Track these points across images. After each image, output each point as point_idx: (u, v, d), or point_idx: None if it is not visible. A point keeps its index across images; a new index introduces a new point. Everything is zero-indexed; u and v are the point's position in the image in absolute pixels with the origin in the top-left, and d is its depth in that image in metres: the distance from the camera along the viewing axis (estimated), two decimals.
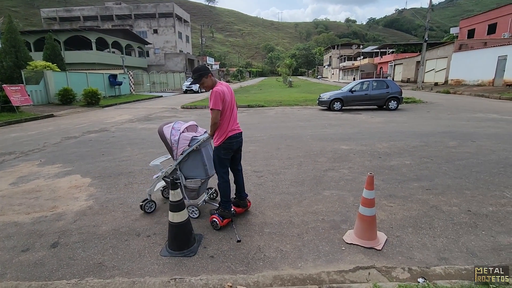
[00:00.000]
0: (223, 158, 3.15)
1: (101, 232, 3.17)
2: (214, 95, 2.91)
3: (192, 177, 3.31)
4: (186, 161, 3.28)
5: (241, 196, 3.46)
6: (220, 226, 3.11)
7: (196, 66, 3.18)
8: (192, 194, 3.38)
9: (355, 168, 5.05)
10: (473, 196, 3.79)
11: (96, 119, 12.20)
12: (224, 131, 3.06)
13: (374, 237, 2.82)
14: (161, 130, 3.34)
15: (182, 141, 3.22)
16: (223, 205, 3.19)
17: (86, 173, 5.17)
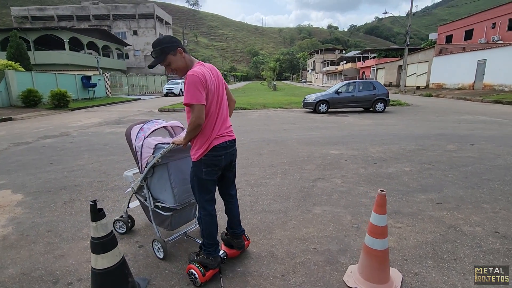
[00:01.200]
0: (205, 180, 2.03)
1: (3, 279, 2.21)
2: (190, 81, 1.81)
3: (161, 200, 2.33)
4: (152, 177, 2.32)
5: (235, 233, 2.33)
6: (200, 282, 2.02)
7: (157, 38, 2.03)
8: (164, 224, 2.42)
9: (348, 176, 4.31)
10: (494, 211, 3.10)
11: (60, 123, 10.96)
12: (205, 138, 1.96)
13: (386, 279, 2.03)
14: (129, 131, 2.43)
15: (145, 148, 2.26)
16: (206, 250, 2.10)
17: (20, 188, 4.14)
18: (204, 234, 2.12)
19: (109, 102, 19.95)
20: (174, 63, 1.93)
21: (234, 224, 2.32)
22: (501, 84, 19.03)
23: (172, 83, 28.72)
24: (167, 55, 1.91)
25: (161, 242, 2.34)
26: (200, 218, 2.12)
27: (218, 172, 2.08)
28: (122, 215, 2.78)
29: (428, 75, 27.76)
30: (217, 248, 2.16)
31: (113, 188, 4.04)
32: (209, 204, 2.09)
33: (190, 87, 1.81)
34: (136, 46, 44.17)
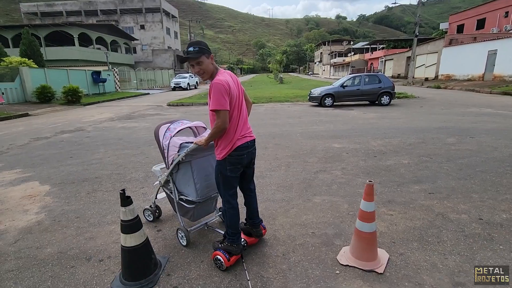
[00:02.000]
0: (230, 177, 2.27)
1: (43, 257, 2.59)
2: (216, 88, 2.02)
3: (185, 194, 2.58)
4: (177, 173, 2.56)
5: (254, 223, 2.59)
6: (226, 266, 2.30)
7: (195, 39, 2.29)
8: (188, 215, 2.69)
9: (348, 169, 4.57)
10: (482, 200, 3.34)
11: (74, 118, 11.43)
12: (230, 139, 2.18)
13: (374, 257, 2.33)
14: (157, 130, 2.68)
15: (171, 147, 2.51)
16: (230, 238, 2.36)
17: (46, 180, 4.55)
18: (228, 225, 2.36)
19: (119, 97, 20.44)
20: (205, 64, 2.13)
21: (253, 215, 2.58)
22: (511, 75, 18.72)
23: (179, 77, 29.07)
24: (203, 55, 2.10)
25: (185, 231, 2.62)
26: (225, 210, 2.36)
27: (240, 169, 2.31)
28: (150, 205, 3.10)
29: (437, 66, 27.37)
30: (240, 236, 2.41)
31: (130, 180, 4.41)
32: (232, 198, 2.34)
33: (216, 94, 2.02)
34: (143, 41, 44.53)
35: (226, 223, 2.39)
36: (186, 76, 29.23)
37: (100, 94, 21.94)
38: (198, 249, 2.63)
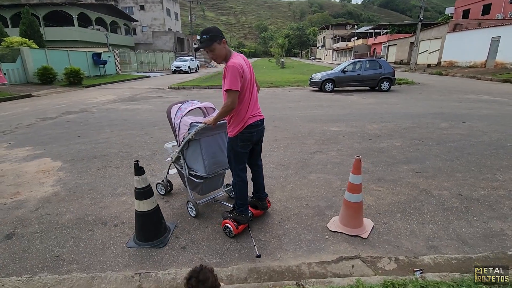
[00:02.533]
0: (240, 152, 2.48)
1: (63, 221, 2.89)
2: (231, 70, 2.17)
3: (194, 170, 2.79)
4: (187, 150, 2.76)
5: (260, 197, 2.81)
6: (234, 234, 2.54)
7: (207, 27, 2.38)
8: (197, 189, 2.90)
9: (343, 150, 4.82)
10: (464, 179, 3.61)
11: (77, 100, 11.60)
12: (241, 118, 2.36)
13: (360, 225, 2.62)
14: (169, 110, 2.85)
15: (182, 126, 2.69)
16: (239, 209, 2.57)
17: (57, 157, 4.81)
18: (237, 196, 2.58)
19: (120, 80, 20.46)
20: (217, 51, 2.27)
21: (259, 189, 2.79)
22: None
23: (180, 60, 28.88)
24: (214, 42, 2.24)
25: (194, 204, 2.85)
26: (235, 183, 2.57)
27: (250, 146, 2.52)
28: (162, 180, 3.35)
29: (441, 52, 27.11)
30: (247, 207, 2.63)
31: (137, 157, 4.67)
32: (242, 171, 2.55)
33: (230, 76, 2.17)
34: (143, 22, 43.73)
35: (235, 195, 2.60)
36: (187, 59, 29.01)
37: (101, 76, 21.93)
38: (202, 217, 2.92)
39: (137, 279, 2.13)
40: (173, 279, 2.12)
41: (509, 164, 4.05)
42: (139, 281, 2.11)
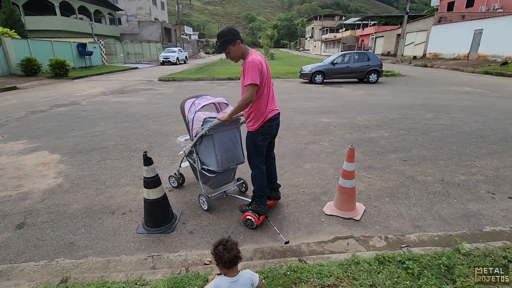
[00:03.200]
0: (261, 145, 2.57)
1: (72, 211, 3.00)
2: (251, 66, 2.27)
3: (207, 164, 2.82)
4: (200, 145, 2.79)
5: (273, 187, 2.94)
6: (256, 225, 2.62)
7: (222, 29, 2.45)
8: (209, 183, 2.94)
9: (335, 140, 5.06)
10: (446, 166, 3.92)
11: (65, 92, 11.39)
12: (262, 112, 2.45)
13: (353, 208, 2.86)
14: (183, 104, 2.87)
15: (196, 121, 2.72)
16: (259, 200, 2.67)
17: (55, 149, 4.84)
18: (257, 188, 2.66)
19: (107, 71, 20.03)
20: (232, 52, 2.38)
21: (273, 180, 2.91)
22: (494, 55, 19.38)
23: (168, 51, 28.41)
24: (228, 45, 2.35)
25: (206, 197, 2.91)
26: (255, 176, 2.66)
27: (269, 139, 2.63)
28: (175, 173, 3.43)
29: (426, 44, 27.74)
30: (266, 198, 2.74)
31: (136, 150, 4.77)
32: (262, 164, 2.66)
33: (250, 71, 2.26)
34: (128, 11, 42.44)
35: (256, 187, 2.68)
36: (175, 50, 28.57)
37: (87, 68, 21.39)
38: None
39: (150, 261, 2.30)
40: (184, 260, 2.30)
41: (486, 152, 4.39)
42: (153, 262, 2.28)
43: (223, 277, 1.52)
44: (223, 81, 14.76)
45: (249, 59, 2.32)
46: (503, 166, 3.87)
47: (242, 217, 2.71)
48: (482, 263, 1.99)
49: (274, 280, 1.92)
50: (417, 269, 1.93)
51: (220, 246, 1.47)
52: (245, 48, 2.43)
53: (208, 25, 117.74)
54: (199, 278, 1.95)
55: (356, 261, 2.07)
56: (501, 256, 2.06)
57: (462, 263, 2.00)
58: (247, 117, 2.55)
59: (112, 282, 1.97)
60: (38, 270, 2.20)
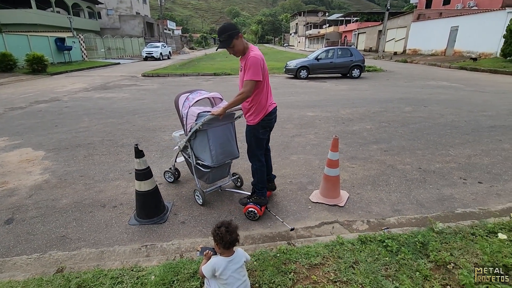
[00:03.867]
0: (261, 138, 2.64)
1: (61, 206, 3.00)
2: (254, 62, 2.29)
3: (201, 159, 2.82)
4: (195, 140, 2.78)
5: (270, 178, 3.01)
6: (259, 216, 2.70)
7: (220, 26, 2.43)
8: (204, 178, 2.94)
9: (320, 133, 5.23)
10: (423, 155, 4.16)
11: (45, 88, 11.02)
12: (263, 106, 2.50)
13: (337, 196, 3.02)
14: (177, 99, 2.83)
15: (189, 116, 2.69)
16: (259, 192, 2.74)
17: (38, 146, 4.75)
18: (258, 181, 2.72)
19: (88, 67, 19.45)
20: (236, 46, 2.37)
21: (269, 171, 2.97)
22: (469, 51, 20.25)
23: (151, 47, 27.84)
24: (233, 39, 2.33)
25: (201, 192, 2.92)
26: (256, 168, 2.71)
27: (268, 132, 2.71)
28: (170, 168, 3.42)
29: (406, 40, 28.56)
30: (266, 189, 2.81)
31: (123, 145, 4.75)
32: (262, 156, 2.72)
33: (253, 67, 2.29)
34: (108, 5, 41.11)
35: (256, 180, 2.74)
36: (158, 45, 28.02)
37: (67, 63, 20.67)
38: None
39: (144, 250, 2.37)
40: (178, 248, 2.38)
41: (460, 141, 4.68)
42: (146, 252, 2.35)
43: (219, 257, 1.62)
44: (209, 77, 14.70)
45: (252, 54, 2.34)
46: (474, 154, 4.16)
47: (244, 210, 2.76)
48: (452, 239, 2.20)
49: (265, 261, 2.04)
50: (395, 247, 2.10)
51: (223, 227, 1.56)
52: (245, 43, 2.44)
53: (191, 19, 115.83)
54: (194, 263, 2.04)
55: (340, 242, 2.22)
56: (470, 233, 2.27)
57: (435, 240, 2.19)
58: (247, 111, 2.58)
59: (109, 269, 2.03)
60: (31, 263, 2.22)
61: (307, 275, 1.93)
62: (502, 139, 4.75)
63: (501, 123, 5.62)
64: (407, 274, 1.88)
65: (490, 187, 3.26)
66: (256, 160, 2.72)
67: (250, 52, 2.39)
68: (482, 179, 3.44)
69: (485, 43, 18.80)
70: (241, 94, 2.36)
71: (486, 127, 5.41)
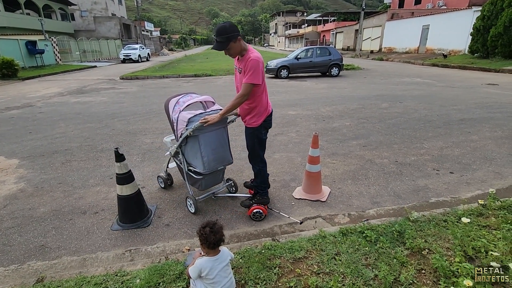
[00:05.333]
0: (264, 139, 2.67)
1: (39, 215, 2.91)
2: (255, 65, 2.26)
3: (192, 165, 2.70)
4: (186, 146, 2.65)
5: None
6: (264, 215, 2.72)
7: (220, 24, 2.31)
8: (196, 184, 2.80)
9: (302, 131, 5.33)
10: (399, 149, 4.35)
11: (16, 94, 10.52)
12: (264, 107, 2.52)
13: (319, 191, 3.10)
14: (167, 103, 2.69)
15: (180, 121, 2.55)
16: (263, 192, 2.78)
17: (11, 154, 4.55)
18: (262, 181, 2.77)
19: (62, 70, 18.71)
20: (233, 49, 2.31)
21: None
22: (440, 48, 21.22)
23: (129, 49, 27.18)
24: (230, 42, 2.26)
25: (193, 200, 2.78)
26: (259, 169, 2.73)
27: (267, 132, 2.72)
28: (162, 174, 3.29)
29: (381, 39, 29.51)
30: (268, 189, 2.87)
31: (103, 150, 4.64)
32: (263, 156, 2.77)
33: (254, 69, 2.26)
34: (82, 6, 39.68)
35: (260, 181, 2.78)
36: (136, 47, 27.39)
37: (39, 67, 19.76)
38: (181, 198, 3.16)
39: (128, 255, 2.34)
40: (163, 251, 2.38)
41: (433, 135, 4.93)
42: (131, 256, 2.33)
43: (205, 257, 1.64)
44: (189, 78, 14.55)
45: (253, 56, 2.29)
46: (446, 146, 4.39)
47: (248, 212, 2.73)
48: (427, 227, 2.33)
49: (250, 258, 2.07)
50: (374, 236, 2.20)
51: (207, 228, 1.57)
52: (244, 44, 2.39)
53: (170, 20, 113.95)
54: (179, 264, 2.05)
55: (323, 235, 2.29)
56: (442, 220, 2.41)
57: (411, 228, 2.31)
58: (246, 114, 2.56)
59: (92, 276, 1.99)
60: (9, 275, 2.15)
61: (291, 269, 1.98)
62: (471, 131, 5.05)
63: (469, 116, 5.96)
64: (385, 262, 1.97)
65: (460, 177, 3.47)
66: (259, 161, 2.73)
67: (249, 54, 2.33)
68: (453, 169, 3.65)
69: (454, 41, 19.77)
70: (240, 98, 2.35)
71: (456, 120, 5.72)
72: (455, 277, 1.79)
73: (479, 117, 5.90)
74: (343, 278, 1.87)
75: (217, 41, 2.29)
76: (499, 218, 2.39)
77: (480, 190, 3.15)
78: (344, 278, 1.88)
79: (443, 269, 1.83)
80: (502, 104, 6.93)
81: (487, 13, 15.52)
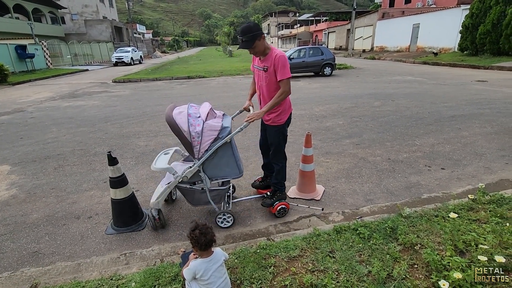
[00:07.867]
0: (286, 136, 2.74)
1: (31, 221, 2.88)
2: (284, 61, 2.34)
3: (220, 177, 2.53)
4: (213, 159, 2.44)
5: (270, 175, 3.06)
6: (288, 210, 2.79)
7: (244, 24, 2.35)
8: (217, 198, 2.60)
9: (295, 131, 5.36)
10: (392, 146, 4.40)
11: (7, 99, 10.36)
12: (288, 104, 2.59)
13: (313, 190, 3.13)
14: (172, 118, 2.31)
15: (207, 132, 2.34)
16: (282, 188, 2.83)
17: (2, 161, 4.49)
18: (282, 177, 2.80)
19: (53, 75, 18.48)
20: (257, 47, 2.37)
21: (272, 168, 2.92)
22: (430, 47, 21.51)
23: (121, 52, 26.99)
24: (255, 40, 2.32)
25: (229, 212, 2.62)
26: (282, 166, 2.76)
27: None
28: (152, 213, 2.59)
29: (373, 38, 29.78)
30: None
31: (96, 154, 4.61)
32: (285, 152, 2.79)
33: (284, 65, 2.35)
34: (72, 9, 39.30)
35: (281, 178, 2.80)
36: (128, 50, 27.20)
37: (30, 72, 19.50)
38: (176, 201, 3.15)
39: (123, 258, 2.33)
40: (158, 254, 2.37)
41: (424, 132, 5.00)
42: (126, 260, 2.32)
43: (198, 260, 1.65)
44: (183, 80, 14.51)
45: (280, 53, 2.37)
46: (437, 143, 4.46)
47: (273, 210, 2.73)
48: (419, 222, 2.36)
49: (245, 258, 2.09)
50: (367, 233, 2.23)
51: (197, 230, 1.59)
52: (267, 43, 2.44)
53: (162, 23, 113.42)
54: (175, 266, 2.05)
55: (317, 234, 2.31)
56: (433, 215, 2.46)
57: (404, 224, 2.35)
58: (272, 112, 2.57)
59: (87, 281, 1.98)
60: (2, 282, 2.12)
61: (286, 267, 2.00)
62: (461, 128, 5.13)
63: (460, 113, 6.06)
64: (379, 258, 2.00)
65: (451, 172, 3.53)
66: (282, 157, 2.78)
67: (275, 51, 2.41)
68: (444, 166, 3.71)
69: (444, 39, 20.06)
70: (283, 94, 2.41)
71: (447, 117, 5.81)
72: (446, 270, 1.83)
73: (469, 113, 6.01)
74: (337, 275, 1.90)
75: (243, 40, 2.33)
76: (488, 212, 2.44)
77: (471, 185, 3.21)
78: (338, 275, 1.90)
79: (434, 263, 1.86)
80: (491, 101, 7.06)
81: (475, 11, 15.80)
